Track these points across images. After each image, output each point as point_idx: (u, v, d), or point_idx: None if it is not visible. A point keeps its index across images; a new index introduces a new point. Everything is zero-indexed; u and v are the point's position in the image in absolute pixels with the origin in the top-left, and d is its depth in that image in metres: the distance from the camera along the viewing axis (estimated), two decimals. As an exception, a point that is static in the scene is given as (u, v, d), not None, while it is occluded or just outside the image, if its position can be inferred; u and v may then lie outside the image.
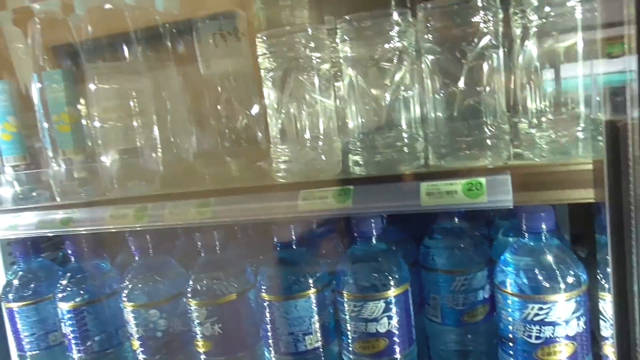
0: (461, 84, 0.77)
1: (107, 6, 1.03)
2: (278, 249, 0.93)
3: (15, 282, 1.09)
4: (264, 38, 0.83)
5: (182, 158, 1.10)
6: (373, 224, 0.87)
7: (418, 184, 0.75)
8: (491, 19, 0.74)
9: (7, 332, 1.24)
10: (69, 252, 1.05)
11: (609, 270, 0.56)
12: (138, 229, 0.90)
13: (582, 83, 0.72)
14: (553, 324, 0.76)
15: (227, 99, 1.06)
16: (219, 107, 1.05)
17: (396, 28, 0.79)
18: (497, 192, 0.71)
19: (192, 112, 1.14)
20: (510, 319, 0.80)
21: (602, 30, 0.57)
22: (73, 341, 1.04)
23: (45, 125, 1.00)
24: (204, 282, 0.93)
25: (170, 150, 1.09)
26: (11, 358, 1.22)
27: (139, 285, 0.98)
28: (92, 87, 0.98)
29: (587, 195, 0.65)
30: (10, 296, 1.08)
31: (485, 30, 0.74)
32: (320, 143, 0.86)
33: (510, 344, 0.81)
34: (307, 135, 0.86)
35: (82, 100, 1.01)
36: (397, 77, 0.82)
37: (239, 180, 0.96)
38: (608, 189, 0.54)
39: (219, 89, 1.05)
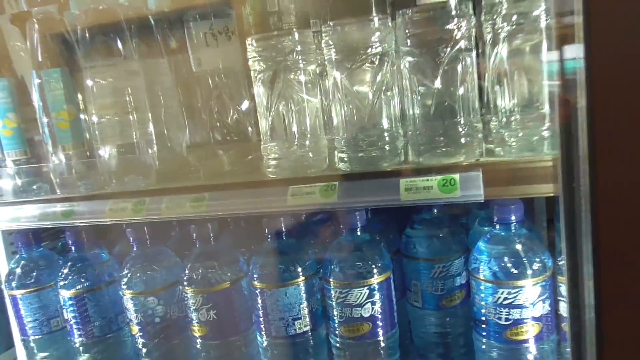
0: (437, 84, 0.83)
1: (102, 7, 1.07)
2: (269, 239, 0.99)
3: (18, 270, 1.14)
4: (254, 42, 0.88)
5: (175, 151, 1.15)
6: (358, 217, 0.93)
7: (398, 180, 0.81)
8: (464, 25, 0.79)
9: (9, 318, 1.30)
10: (70, 242, 1.10)
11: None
12: (136, 221, 0.96)
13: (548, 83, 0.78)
14: (521, 306, 0.83)
15: (219, 95, 1.11)
16: (210, 102, 1.11)
17: (377, 33, 0.84)
18: (470, 187, 0.77)
19: (185, 107, 1.19)
20: (483, 302, 0.86)
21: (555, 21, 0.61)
22: (74, 326, 1.10)
23: (45, 120, 1.04)
24: (199, 271, 0.98)
25: (164, 144, 1.14)
26: (14, 342, 1.28)
27: (138, 274, 1.04)
28: (89, 84, 1.03)
29: (548, 189, 0.71)
30: (14, 284, 1.14)
31: (459, 35, 0.79)
32: (308, 141, 0.91)
33: (483, 325, 0.88)
34: (296, 133, 0.92)
35: (80, 97, 1.06)
36: (379, 78, 0.87)
37: (231, 175, 1.01)
38: (562, 183, 0.60)
39: (211, 85, 1.10)
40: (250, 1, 0.90)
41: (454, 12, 0.78)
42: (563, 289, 0.85)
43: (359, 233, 0.94)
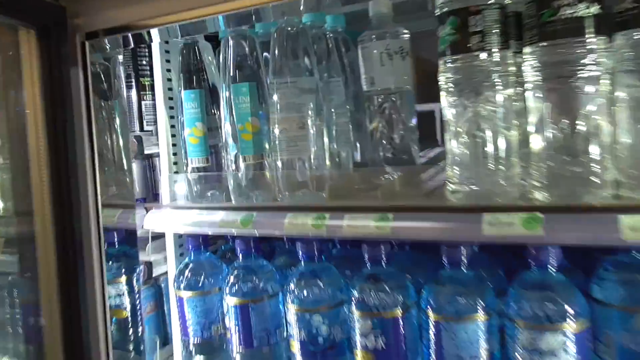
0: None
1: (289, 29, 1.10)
2: (447, 268, 0.93)
3: (187, 273, 1.19)
4: (448, 61, 0.85)
5: (343, 168, 1.15)
6: (551, 252, 0.85)
7: (615, 216, 0.72)
8: None
9: (169, 316, 1.37)
10: (239, 250, 1.13)
11: None
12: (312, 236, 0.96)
13: None
14: None
15: (388, 115, 1.10)
16: (380, 121, 1.10)
17: (591, 56, 0.77)
18: None
19: (353, 124, 1.20)
20: None
21: None
22: (235, 335, 1.12)
23: (229, 131, 1.09)
24: (371, 293, 0.96)
25: (334, 160, 1.15)
26: (171, 340, 1.34)
27: (305, 290, 1.03)
28: (272, 99, 1.06)
29: None
30: (182, 285, 1.19)
31: None
32: (501, 167, 0.85)
33: None
34: (488, 159, 0.86)
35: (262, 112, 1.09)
36: (589, 106, 0.79)
37: (404, 197, 0.98)
38: None
39: (381, 103, 1.10)
40: (449, 21, 0.86)
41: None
42: None
43: (550, 270, 0.86)
